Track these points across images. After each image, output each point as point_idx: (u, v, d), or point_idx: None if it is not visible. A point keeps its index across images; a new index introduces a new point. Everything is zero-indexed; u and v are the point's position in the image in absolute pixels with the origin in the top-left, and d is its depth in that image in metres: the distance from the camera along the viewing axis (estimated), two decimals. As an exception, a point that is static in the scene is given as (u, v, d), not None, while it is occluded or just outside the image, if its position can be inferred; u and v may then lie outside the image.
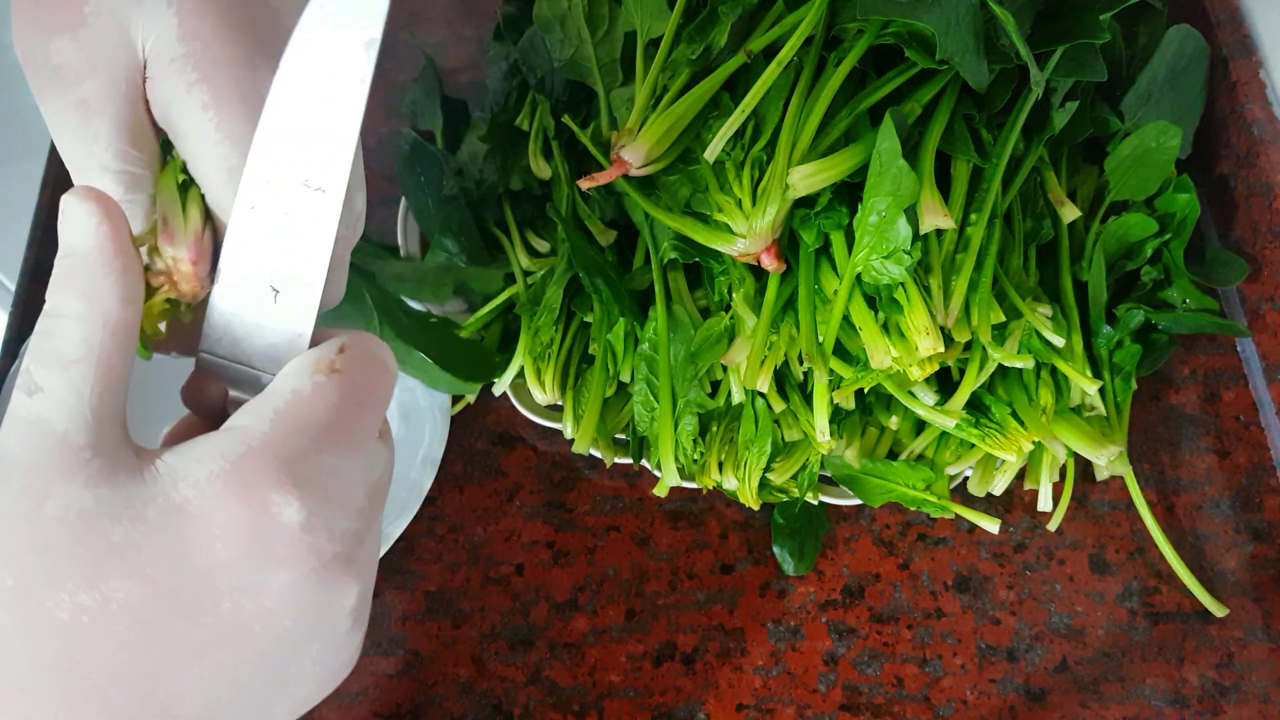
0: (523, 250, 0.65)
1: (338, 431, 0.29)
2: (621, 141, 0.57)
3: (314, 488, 0.28)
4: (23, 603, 0.26)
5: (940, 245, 0.56)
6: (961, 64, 0.56)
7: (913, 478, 0.60)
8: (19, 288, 0.69)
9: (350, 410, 0.29)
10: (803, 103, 0.57)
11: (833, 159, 0.55)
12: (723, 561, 0.62)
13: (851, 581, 0.61)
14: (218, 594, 0.27)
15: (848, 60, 0.56)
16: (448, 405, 0.63)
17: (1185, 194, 0.64)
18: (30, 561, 0.26)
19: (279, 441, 0.28)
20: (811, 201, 0.57)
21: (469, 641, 0.60)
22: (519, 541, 0.62)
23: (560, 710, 0.58)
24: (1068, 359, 0.59)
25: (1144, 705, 0.58)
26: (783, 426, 0.59)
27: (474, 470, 0.64)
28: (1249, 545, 0.62)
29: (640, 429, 0.61)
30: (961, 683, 0.58)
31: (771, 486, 0.60)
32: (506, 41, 0.71)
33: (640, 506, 0.63)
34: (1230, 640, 0.59)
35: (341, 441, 0.29)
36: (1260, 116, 0.66)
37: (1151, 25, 0.68)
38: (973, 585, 0.61)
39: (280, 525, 0.27)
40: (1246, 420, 0.65)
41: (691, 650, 0.59)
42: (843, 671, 0.59)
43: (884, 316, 0.55)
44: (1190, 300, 0.64)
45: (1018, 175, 0.61)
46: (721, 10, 0.58)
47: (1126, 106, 0.66)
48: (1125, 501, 0.62)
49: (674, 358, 0.60)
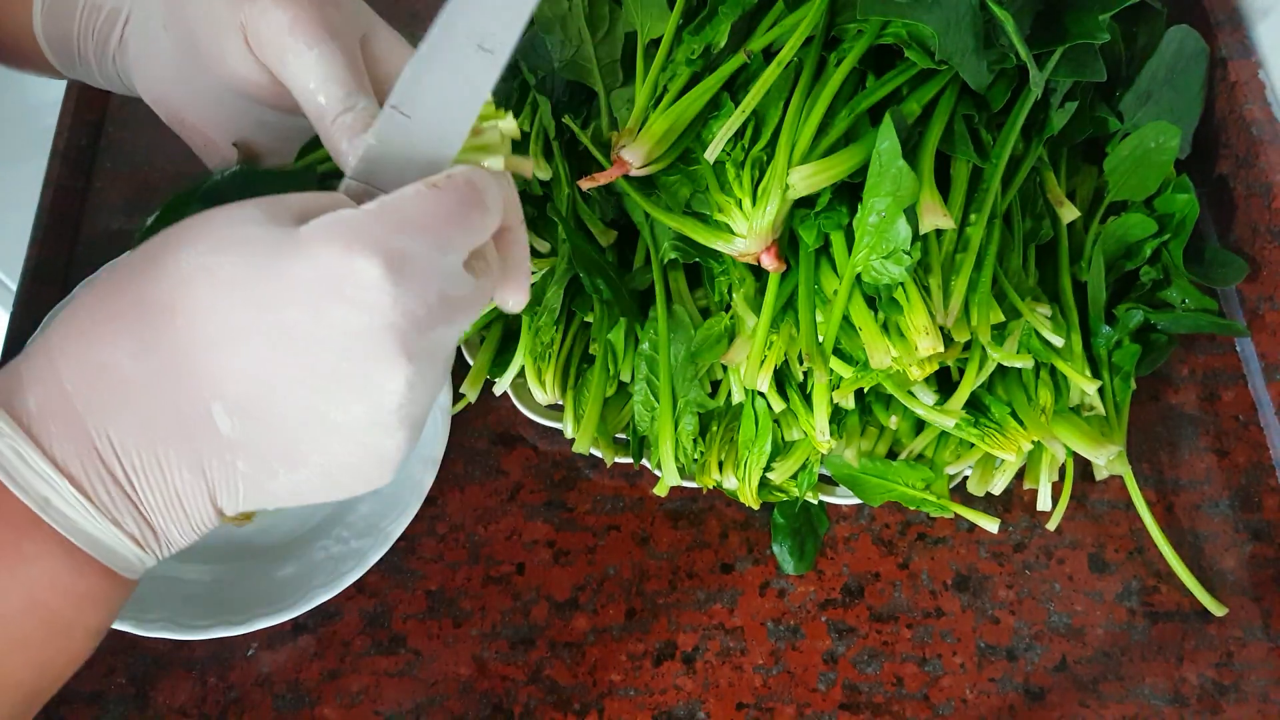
0: (523, 250, 0.65)
1: (427, 232, 0.34)
2: (622, 142, 0.57)
3: (394, 263, 0.33)
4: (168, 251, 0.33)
5: (940, 245, 0.56)
6: (961, 64, 0.56)
7: (912, 477, 0.60)
8: (19, 288, 0.69)
9: (440, 220, 0.34)
10: (803, 103, 0.57)
11: (832, 159, 0.55)
12: (723, 561, 0.62)
13: (851, 581, 0.61)
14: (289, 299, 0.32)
15: (847, 60, 0.57)
16: (448, 404, 0.63)
17: (1184, 194, 0.64)
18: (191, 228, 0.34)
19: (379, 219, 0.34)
20: (811, 201, 0.57)
21: (470, 641, 0.60)
22: (520, 541, 0.62)
23: (561, 709, 0.58)
24: (1067, 359, 0.59)
25: (1143, 704, 0.58)
26: (783, 426, 0.59)
27: (475, 470, 0.65)
28: (1248, 545, 0.62)
29: (640, 429, 0.61)
30: (961, 682, 0.58)
31: (771, 486, 0.61)
32: (507, 42, 0.71)
33: (640, 506, 0.63)
34: (1229, 639, 0.59)
35: (429, 242, 0.34)
36: (1259, 117, 0.66)
37: (1151, 25, 0.68)
38: (972, 584, 0.61)
39: (356, 274, 0.32)
40: (1246, 420, 0.65)
41: (691, 649, 0.59)
42: (842, 671, 0.59)
43: (884, 316, 0.55)
44: (1189, 300, 0.64)
45: (1017, 175, 0.61)
46: (721, 10, 0.58)
47: (1126, 107, 0.66)
48: (1124, 501, 0.62)
49: (674, 357, 0.60)
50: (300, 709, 0.58)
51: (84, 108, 0.76)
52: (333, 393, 0.33)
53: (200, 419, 0.33)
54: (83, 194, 0.74)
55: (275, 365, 0.33)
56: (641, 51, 0.62)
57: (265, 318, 0.32)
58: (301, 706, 0.58)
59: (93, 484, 0.33)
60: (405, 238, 0.33)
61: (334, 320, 0.32)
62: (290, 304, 0.32)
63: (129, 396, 0.33)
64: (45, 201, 0.72)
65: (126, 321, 0.33)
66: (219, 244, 0.33)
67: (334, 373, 0.33)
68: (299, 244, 0.33)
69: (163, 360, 0.32)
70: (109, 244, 0.69)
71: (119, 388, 0.32)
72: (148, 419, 0.33)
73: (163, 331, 0.32)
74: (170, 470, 0.34)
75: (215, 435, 0.33)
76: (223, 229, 0.33)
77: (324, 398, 0.33)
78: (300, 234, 0.33)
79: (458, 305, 0.35)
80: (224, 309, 0.32)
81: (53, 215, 0.72)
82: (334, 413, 0.34)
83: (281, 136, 0.48)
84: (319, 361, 0.33)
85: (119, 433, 0.33)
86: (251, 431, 0.34)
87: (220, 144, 0.47)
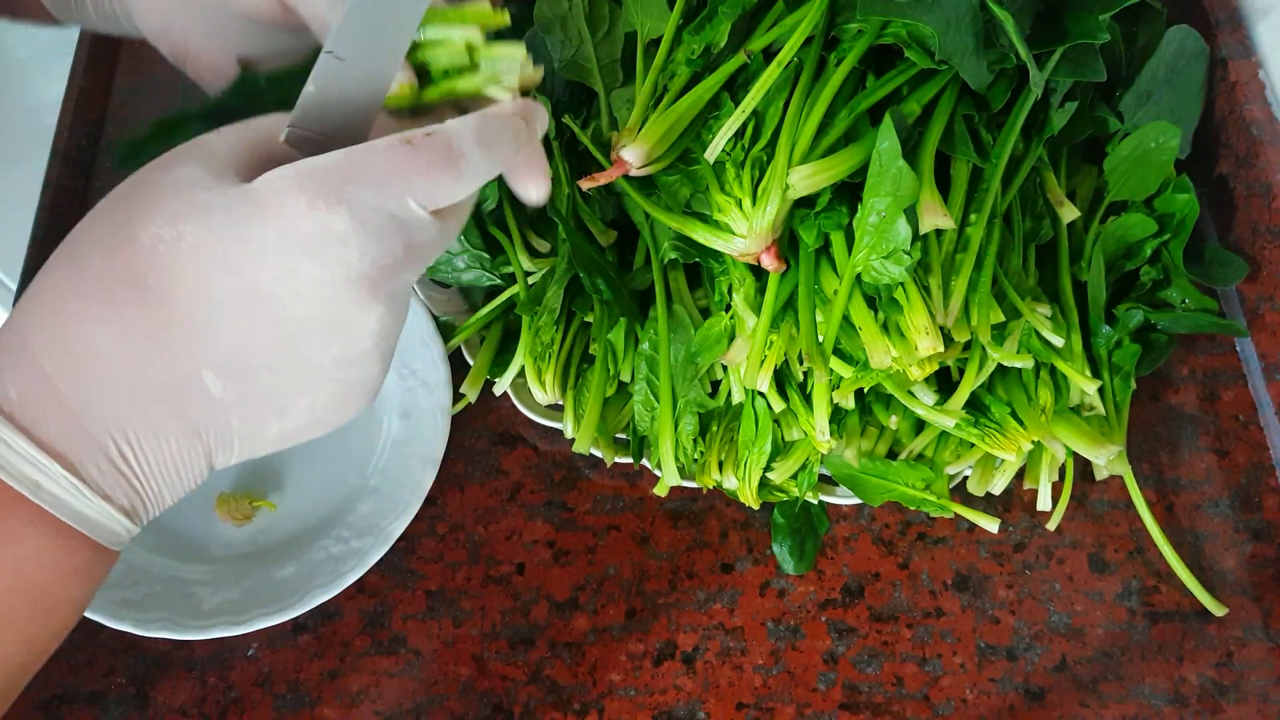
0: (523, 250, 0.65)
1: (393, 185, 0.34)
2: (622, 142, 0.57)
3: (360, 214, 0.33)
4: (121, 227, 0.33)
5: (940, 245, 0.56)
6: (961, 64, 0.56)
7: (912, 477, 0.60)
8: (19, 287, 0.69)
9: (407, 176, 0.34)
10: (803, 103, 0.57)
11: (832, 159, 0.55)
12: (723, 561, 0.62)
13: (851, 581, 0.61)
14: (260, 260, 0.33)
15: (847, 60, 0.56)
16: (448, 404, 0.63)
17: (1184, 194, 0.64)
18: (135, 199, 0.34)
19: (343, 169, 0.34)
20: (811, 201, 0.57)
21: (470, 641, 0.60)
22: (520, 541, 0.62)
23: (561, 709, 0.58)
24: (1067, 359, 0.59)
25: (1143, 704, 0.58)
26: (783, 426, 0.59)
27: (475, 470, 0.65)
28: (1248, 545, 0.62)
29: (640, 428, 0.61)
30: (961, 682, 0.58)
31: (771, 486, 0.61)
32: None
33: (640, 506, 0.63)
34: (1229, 639, 0.59)
35: (395, 195, 0.34)
36: (1259, 117, 0.66)
37: (1151, 25, 0.68)
38: (972, 584, 0.61)
39: (322, 228, 0.33)
40: (1245, 420, 0.65)
41: (691, 649, 0.59)
42: (842, 670, 0.59)
43: (884, 316, 0.55)
44: (1189, 300, 0.64)
45: (1017, 175, 0.61)
46: (721, 10, 0.58)
47: (1126, 107, 0.66)
48: (1124, 501, 0.62)
49: (674, 357, 0.60)
50: (300, 709, 0.58)
51: (84, 108, 0.76)
52: (311, 340, 0.34)
53: (191, 387, 0.34)
54: (83, 194, 0.74)
55: (255, 324, 0.34)
56: (641, 51, 0.62)
57: (238, 281, 0.33)
58: (301, 706, 0.58)
59: (84, 464, 0.33)
60: (370, 191, 0.34)
61: (305, 276, 0.33)
62: (261, 265, 0.33)
63: (115, 375, 0.33)
64: (45, 201, 0.72)
65: (100, 300, 0.33)
66: (174, 215, 0.33)
67: (310, 322, 0.34)
68: (258, 203, 0.33)
69: (145, 337, 0.33)
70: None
71: (103, 367, 0.33)
72: (138, 395, 0.33)
73: (139, 308, 0.33)
74: (166, 441, 0.34)
75: (208, 400, 0.34)
76: (171, 199, 0.33)
77: (303, 345, 0.34)
78: (258, 191, 0.33)
79: (423, 249, 0.36)
80: (195, 279, 0.33)
81: (53, 215, 0.72)
82: (314, 357, 0.35)
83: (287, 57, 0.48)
84: (295, 314, 0.34)
85: (110, 411, 0.33)
86: (242, 390, 0.34)
87: (225, 70, 0.47)
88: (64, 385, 0.33)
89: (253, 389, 0.35)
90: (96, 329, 0.33)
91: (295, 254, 0.33)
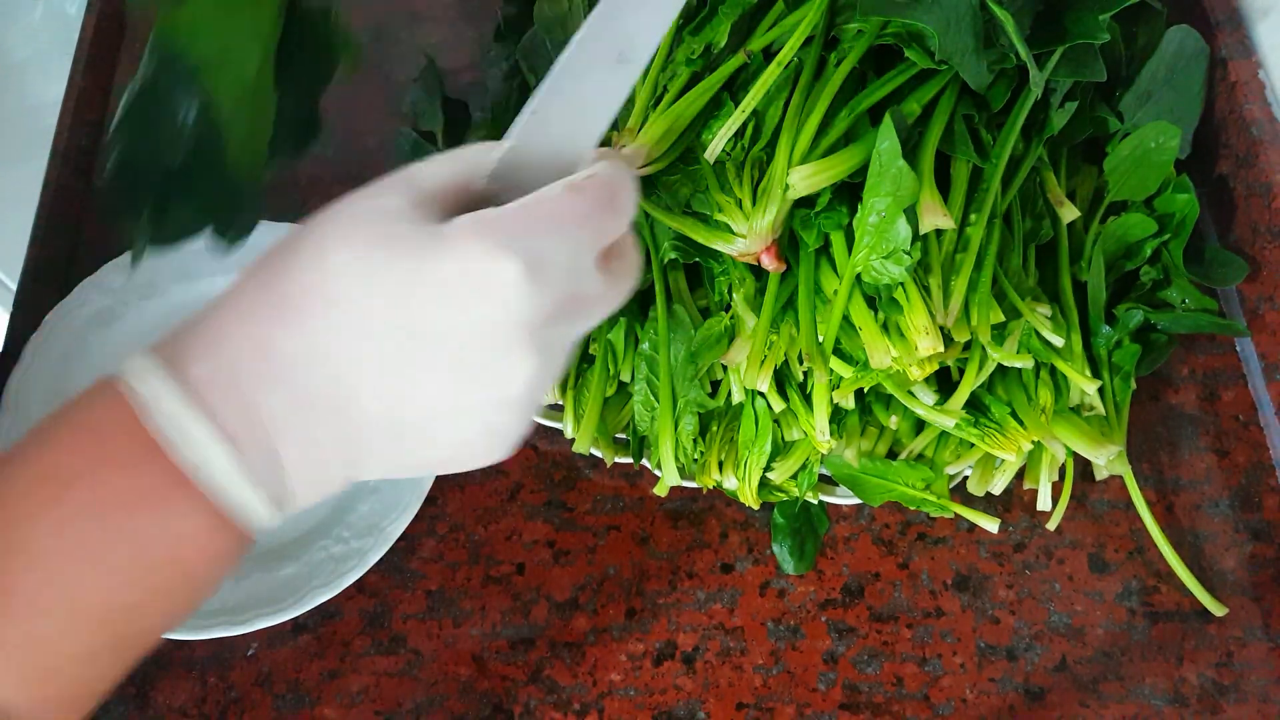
0: (523, 250, 0.65)
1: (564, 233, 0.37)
2: (622, 141, 0.57)
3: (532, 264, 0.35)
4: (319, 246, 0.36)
5: (940, 245, 0.56)
6: (961, 64, 0.56)
7: (912, 477, 0.60)
8: (19, 288, 0.69)
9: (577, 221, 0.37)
10: (803, 103, 0.57)
11: (832, 159, 0.55)
12: (723, 561, 0.62)
13: (851, 581, 0.61)
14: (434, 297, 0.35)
15: (847, 60, 0.56)
16: (448, 405, 0.63)
17: (1184, 194, 0.64)
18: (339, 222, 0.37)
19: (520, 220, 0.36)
20: (811, 201, 0.57)
21: (470, 641, 0.60)
22: (520, 541, 0.62)
23: (561, 709, 0.58)
24: (1067, 359, 0.59)
25: (1143, 704, 0.58)
26: (783, 426, 0.59)
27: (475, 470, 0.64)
28: (1248, 545, 0.62)
29: (640, 428, 0.61)
30: (961, 682, 0.58)
31: (771, 486, 0.61)
32: (507, 42, 0.71)
33: (640, 506, 0.63)
34: (1229, 639, 0.59)
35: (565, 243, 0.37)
36: (1259, 117, 0.66)
37: (1151, 25, 0.68)
38: (972, 584, 0.61)
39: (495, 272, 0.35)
40: (1245, 420, 0.65)
41: (691, 649, 0.59)
42: (842, 670, 0.59)
43: (883, 316, 0.55)
44: (1189, 300, 0.64)
45: (1017, 175, 0.61)
46: (721, 10, 0.58)
47: (1126, 107, 0.66)
48: (1124, 501, 0.62)
49: (674, 357, 0.60)
50: (300, 709, 0.58)
51: (84, 108, 0.76)
52: (466, 380, 0.37)
53: (347, 398, 0.36)
54: (83, 194, 0.74)
55: (416, 354, 0.36)
56: (641, 51, 0.62)
57: (408, 312, 0.35)
58: (301, 706, 0.58)
59: (247, 450, 0.35)
60: (543, 239, 0.36)
61: (472, 316, 0.36)
62: (432, 300, 0.35)
63: (285, 373, 0.36)
64: (45, 201, 0.72)
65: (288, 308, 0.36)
66: (368, 241, 0.36)
67: (468, 363, 0.36)
68: (443, 242, 0.36)
69: (316, 343, 0.36)
70: (109, 244, 0.69)
71: (276, 364, 0.35)
72: (301, 394, 0.36)
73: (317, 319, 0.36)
74: (317, 442, 0.36)
75: (361, 413, 0.36)
76: (369, 226, 0.36)
77: (457, 385, 0.37)
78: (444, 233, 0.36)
79: (588, 302, 0.38)
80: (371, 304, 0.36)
81: (53, 215, 0.72)
82: (464, 398, 0.37)
83: None
84: (455, 352, 0.36)
85: (275, 404, 0.35)
86: (396, 415, 0.37)
87: None
88: (240, 375, 0.35)
89: (405, 416, 0.37)
90: (280, 332, 0.36)
91: (467, 294, 0.35)
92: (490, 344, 0.36)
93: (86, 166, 0.75)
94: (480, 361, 0.36)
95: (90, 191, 0.75)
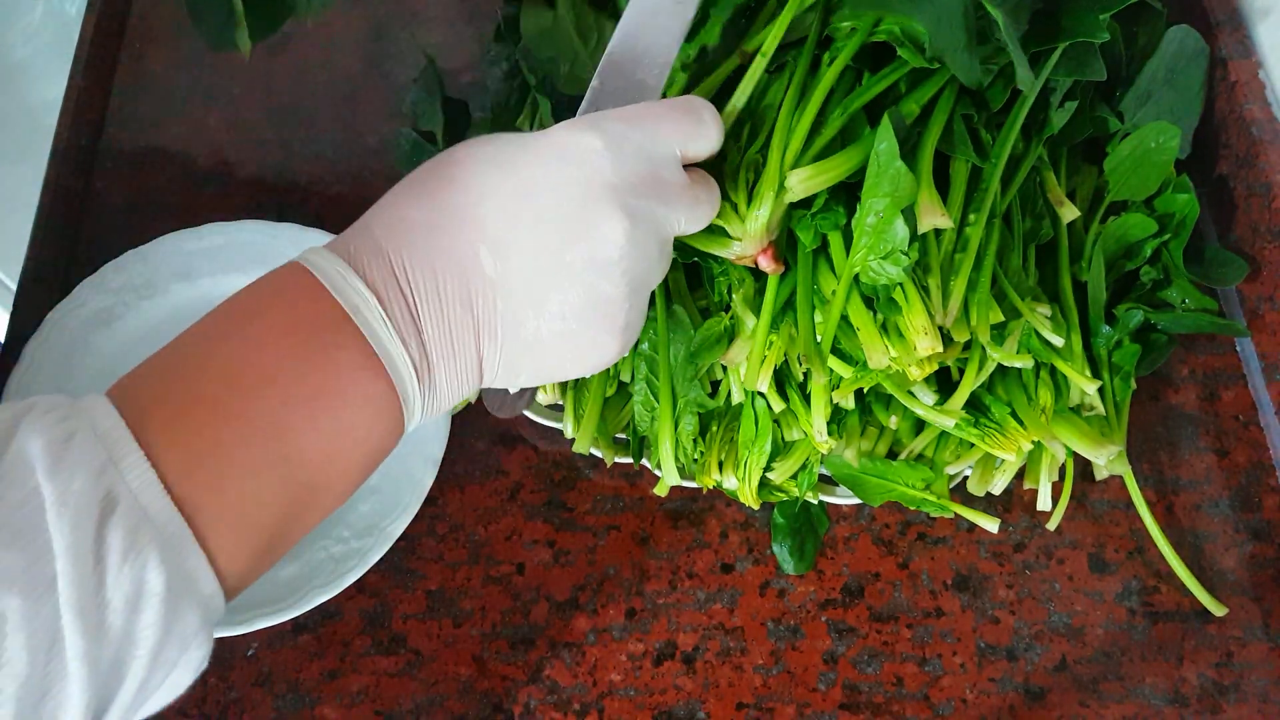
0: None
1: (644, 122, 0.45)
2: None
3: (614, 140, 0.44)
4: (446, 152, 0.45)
5: (939, 245, 0.56)
6: (952, 61, 0.55)
7: (912, 477, 0.60)
8: (19, 287, 0.69)
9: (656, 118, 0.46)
10: (796, 103, 0.56)
11: (830, 161, 0.55)
12: (723, 561, 0.62)
13: (851, 581, 0.61)
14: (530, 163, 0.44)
15: (840, 59, 0.56)
16: (448, 405, 0.63)
17: (1184, 194, 0.64)
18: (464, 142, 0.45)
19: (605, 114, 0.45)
20: (809, 202, 0.57)
21: (470, 641, 0.60)
22: (520, 541, 0.63)
23: (561, 709, 0.58)
24: (1067, 359, 0.59)
25: (1143, 704, 0.58)
26: (783, 426, 0.59)
27: (475, 469, 0.65)
28: (1248, 545, 0.62)
29: (640, 429, 0.61)
30: (961, 682, 0.58)
31: (771, 486, 0.61)
32: (507, 42, 0.71)
33: (640, 506, 0.63)
34: (1229, 639, 0.59)
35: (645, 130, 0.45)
36: (1260, 117, 0.66)
37: (1151, 25, 0.68)
38: (972, 584, 0.61)
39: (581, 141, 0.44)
40: (1245, 420, 0.65)
41: (691, 649, 0.60)
42: (842, 670, 0.59)
43: (882, 317, 0.55)
44: (1189, 300, 0.64)
45: (1017, 175, 0.61)
46: (712, 13, 0.58)
47: (1126, 106, 0.66)
48: (1124, 501, 0.62)
49: (674, 358, 0.60)
50: (300, 709, 0.58)
51: (84, 108, 0.76)
52: (564, 233, 0.42)
53: (470, 258, 0.42)
54: (83, 194, 0.74)
55: (521, 212, 0.42)
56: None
57: (514, 176, 0.43)
58: (301, 706, 0.58)
59: (389, 300, 0.41)
60: (622, 124, 0.44)
61: (565, 176, 0.43)
62: (530, 164, 0.43)
63: (417, 236, 0.42)
64: (45, 201, 0.72)
65: (417, 189, 0.43)
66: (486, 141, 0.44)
67: (563, 215, 0.43)
68: (543, 134, 0.44)
69: (443, 212, 0.42)
70: (109, 244, 0.69)
71: (411, 229, 0.42)
72: (431, 253, 0.42)
73: (444, 193, 0.43)
74: (446, 300, 0.42)
75: (481, 273, 0.42)
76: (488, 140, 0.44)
77: (556, 236, 0.42)
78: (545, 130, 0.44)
79: (670, 190, 0.45)
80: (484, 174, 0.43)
81: (53, 215, 0.72)
82: (565, 251, 0.43)
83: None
84: (553, 206, 0.43)
85: (410, 262, 0.41)
86: (507, 271, 0.42)
87: None
88: (383, 240, 0.42)
89: (515, 271, 0.42)
90: (410, 204, 0.43)
91: (557, 159, 0.43)
92: (581, 196, 0.42)
93: (86, 166, 0.75)
94: (573, 214, 0.42)
95: (90, 191, 0.75)
